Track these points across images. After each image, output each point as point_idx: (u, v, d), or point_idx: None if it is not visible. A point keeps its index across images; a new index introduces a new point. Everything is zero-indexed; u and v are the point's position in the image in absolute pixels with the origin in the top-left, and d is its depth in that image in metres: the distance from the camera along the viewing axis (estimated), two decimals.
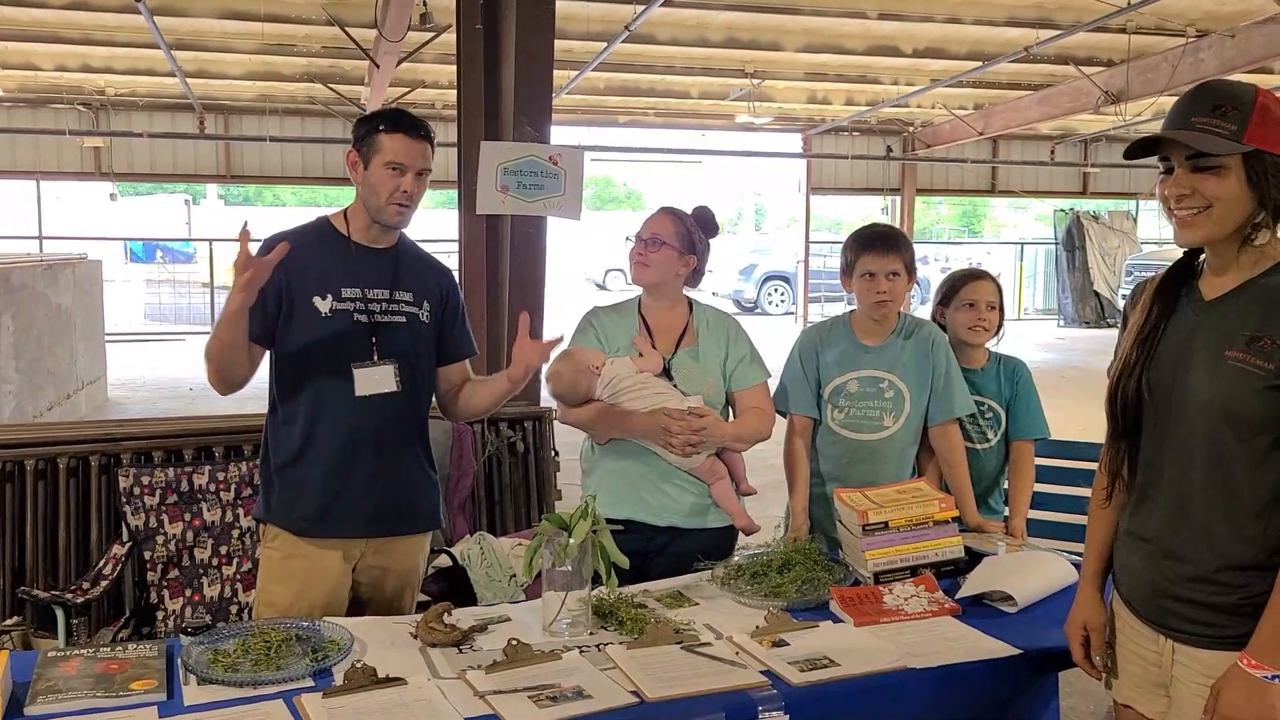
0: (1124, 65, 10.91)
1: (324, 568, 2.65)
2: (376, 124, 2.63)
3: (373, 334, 2.65)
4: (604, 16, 9.44)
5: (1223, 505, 1.85)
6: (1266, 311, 1.80)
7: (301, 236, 2.68)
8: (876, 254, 2.94)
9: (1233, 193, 1.81)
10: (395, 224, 2.68)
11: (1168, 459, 1.93)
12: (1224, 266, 1.89)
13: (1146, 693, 2.00)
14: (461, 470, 4.15)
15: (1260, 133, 1.78)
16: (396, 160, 2.59)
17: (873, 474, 2.96)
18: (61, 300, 9.11)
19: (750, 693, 1.99)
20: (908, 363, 3.00)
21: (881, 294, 2.94)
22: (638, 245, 2.90)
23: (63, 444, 3.78)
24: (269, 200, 27.35)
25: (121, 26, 10.06)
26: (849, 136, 17.23)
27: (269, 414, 2.73)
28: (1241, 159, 1.80)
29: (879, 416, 3.00)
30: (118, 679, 2.01)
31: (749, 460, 2.94)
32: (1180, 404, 1.89)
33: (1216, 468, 1.85)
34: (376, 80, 10.37)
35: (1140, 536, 1.98)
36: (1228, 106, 1.80)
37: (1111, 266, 19.01)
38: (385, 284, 2.70)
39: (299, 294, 2.61)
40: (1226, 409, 1.82)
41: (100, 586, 3.34)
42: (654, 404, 2.78)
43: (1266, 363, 1.78)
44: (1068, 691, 2.52)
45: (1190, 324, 1.91)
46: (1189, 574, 1.88)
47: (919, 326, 3.07)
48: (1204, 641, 1.87)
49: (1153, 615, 1.95)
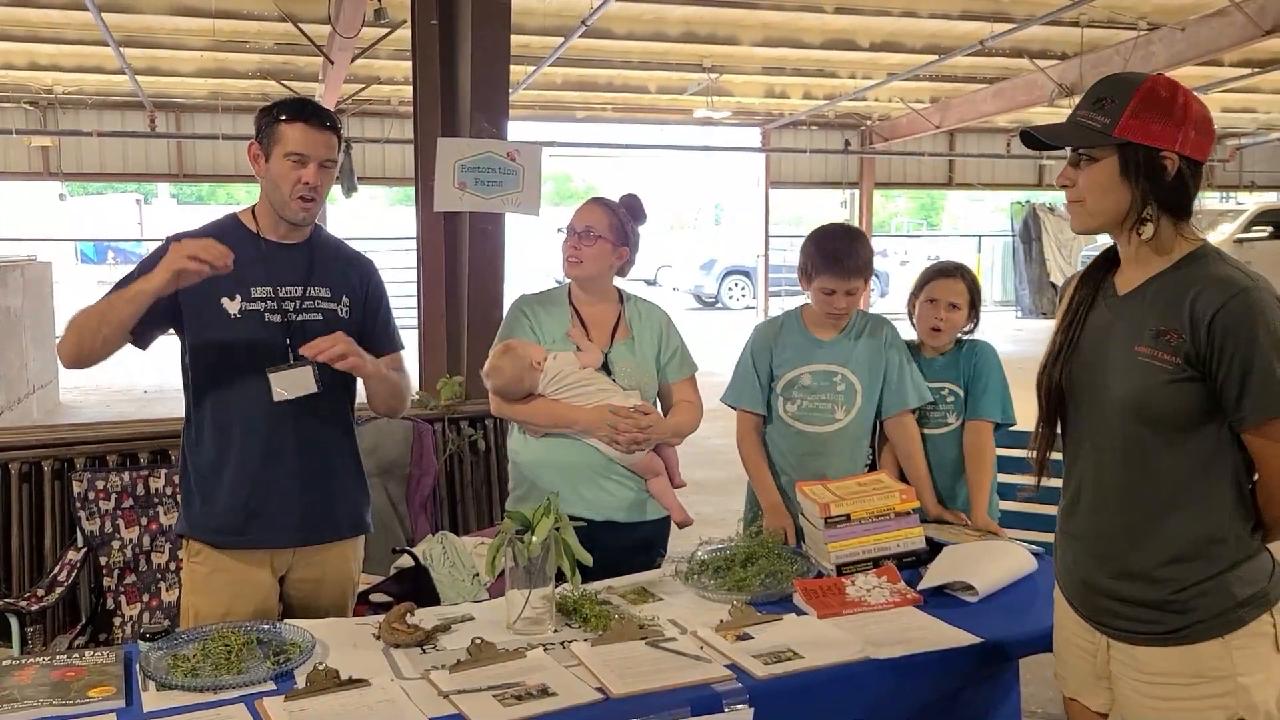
0: (1077, 59, 11.02)
1: (251, 580, 2.56)
2: (277, 114, 2.52)
3: (287, 334, 2.54)
4: (560, 11, 9.39)
5: (1143, 501, 1.86)
6: (1170, 305, 1.81)
7: (208, 234, 2.55)
8: (836, 275, 2.92)
9: (1102, 184, 1.84)
10: (301, 221, 2.57)
11: (1088, 457, 1.95)
12: (1129, 260, 1.91)
13: (1090, 686, 2.03)
14: (423, 469, 4.12)
15: (1133, 125, 1.79)
16: (297, 150, 2.48)
17: (825, 465, 2.99)
18: (10, 303, 8.94)
19: (715, 686, 1.99)
20: (860, 357, 3.02)
21: (839, 310, 2.97)
22: (571, 238, 2.88)
23: (14, 449, 3.71)
24: (222, 199, 27.03)
25: (69, 23, 9.87)
26: (807, 131, 17.28)
27: (184, 424, 2.61)
28: (1116, 151, 1.81)
29: (830, 409, 3.02)
30: (75, 686, 1.98)
31: (704, 459, 2.96)
32: (1097, 401, 1.91)
33: (1134, 464, 1.86)
34: (331, 77, 10.26)
35: (1071, 535, 2.00)
36: (1108, 100, 1.82)
37: (1067, 258, 19.23)
38: (299, 281, 2.59)
39: (205, 295, 2.48)
40: (1139, 404, 1.83)
41: (55, 593, 3.29)
42: (597, 400, 2.78)
43: (1173, 356, 1.79)
44: (1028, 679, 2.55)
45: (1105, 319, 1.93)
46: (1117, 571, 1.90)
47: (872, 323, 3.08)
48: (1138, 638, 1.88)
49: (1089, 612, 1.97)
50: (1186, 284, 1.81)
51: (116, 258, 21.29)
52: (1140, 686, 1.88)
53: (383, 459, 4.00)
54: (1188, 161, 1.82)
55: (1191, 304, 1.78)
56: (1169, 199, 1.83)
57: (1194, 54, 9.61)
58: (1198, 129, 1.82)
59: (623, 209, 2.91)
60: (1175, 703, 1.85)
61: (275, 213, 2.57)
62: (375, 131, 14.35)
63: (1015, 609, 2.41)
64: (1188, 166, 1.82)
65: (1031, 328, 17.55)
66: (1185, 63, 9.68)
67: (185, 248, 2.30)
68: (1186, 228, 1.87)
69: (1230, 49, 9.72)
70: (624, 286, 3.04)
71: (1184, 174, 1.82)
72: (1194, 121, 1.81)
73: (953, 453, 3.13)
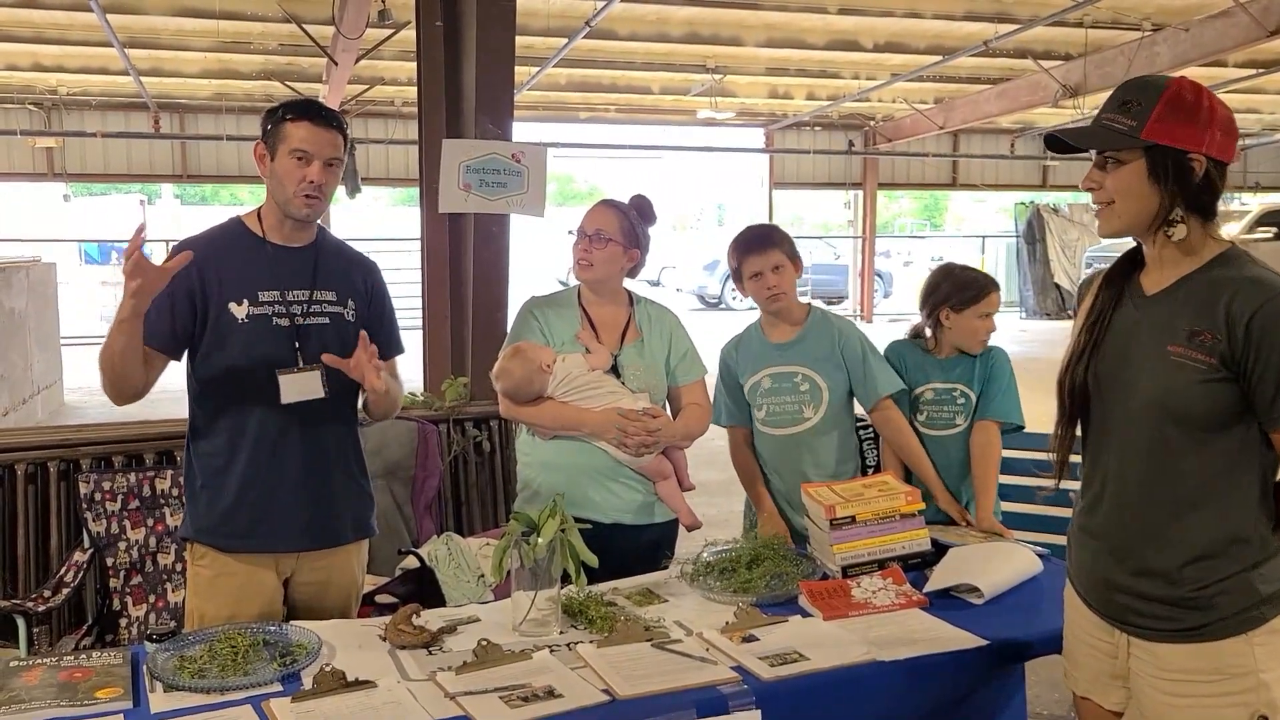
0: (1081, 59, 11.03)
1: (256, 583, 2.56)
2: (283, 113, 2.52)
3: (295, 338, 2.54)
4: (564, 12, 9.41)
5: (1166, 500, 1.87)
6: (1206, 305, 1.82)
7: (213, 240, 2.58)
8: (756, 254, 3.02)
9: (1131, 187, 1.84)
10: (304, 216, 2.55)
11: (1112, 456, 1.95)
12: (1156, 261, 1.92)
13: (1103, 685, 2.03)
14: (428, 471, 4.12)
15: (1161, 128, 1.80)
16: (302, 148, 2.47)
17: (805, 465, 3.03)
18: (15, 304, 8.95)
19: (721, 688, 1.99)
20: (815, 355, 3.06)
21: (772, 289, 3.02)
22: (581, 241, 2.88)
23: (20, 450, 3.71)
24: (226, 200, 27.04)
25: (74, 24, 9.90)
26: (811, 131, 17.29)
27: (189, 428, 2.61)
28: (1144, 153, 1.82)
29: (798, 409, 3.04)
30: (82, 688, 1.99)
31: (708, 460, 2.97)
32: (1124, 401, 1.91)
33: (1159, 463, 1.87)
34: (335, 78, 10.27)
35: (1090, 533, 2.00)
36: (1133, 102, 1.83)
37: (1071, 259, 19.23)
38: (305, 284, 2.58)
39: (213, 301, 2.48)
40: (1170, 403, 1.84)
41: (62, 594, 3.29)
42: (607, 403, 2.78)
43: (1208, 356, 1.80)
44: (1034, 681, 2.55)
45: (1132, 319, 1.93)
46: (1138, 569, 1.90)
47: (823, 320, 3.12)
48: (1158, 635, 1.88)
49: (1107, 610, 1.97)
50: (1220, 285, 1.82)
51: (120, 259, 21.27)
52: (1160, 684, 1.88)
53: (388, 460, 4.00)
54: (1214, 163, 1.83)
55: (1227, 305, 1.79)
56: (1197, 201, 1.84)
57: (1198, 55, 9.61)
58: (1223, 131, 1.82)
59: (633, 211, 2.91)
60: (1196, 700, 1.85)
61: (280, 212, 2.56)
62: (379, 132, 14.37)
63: (1021, 611, 2.40)
64: (1214, 168, 1.83)
65: (1035, 328, 17.55)
66: (1190, 63, 9.68)
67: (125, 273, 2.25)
68: (1213, 228, 1.88)
69: (1235, 49, 9.72)
70: (629, 287, 3.04)
71: (1211, 175, 1.83)
72: (1219, 123, 1.82)
73: (960, 454, 3.13)
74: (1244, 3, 8.83)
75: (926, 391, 3.17)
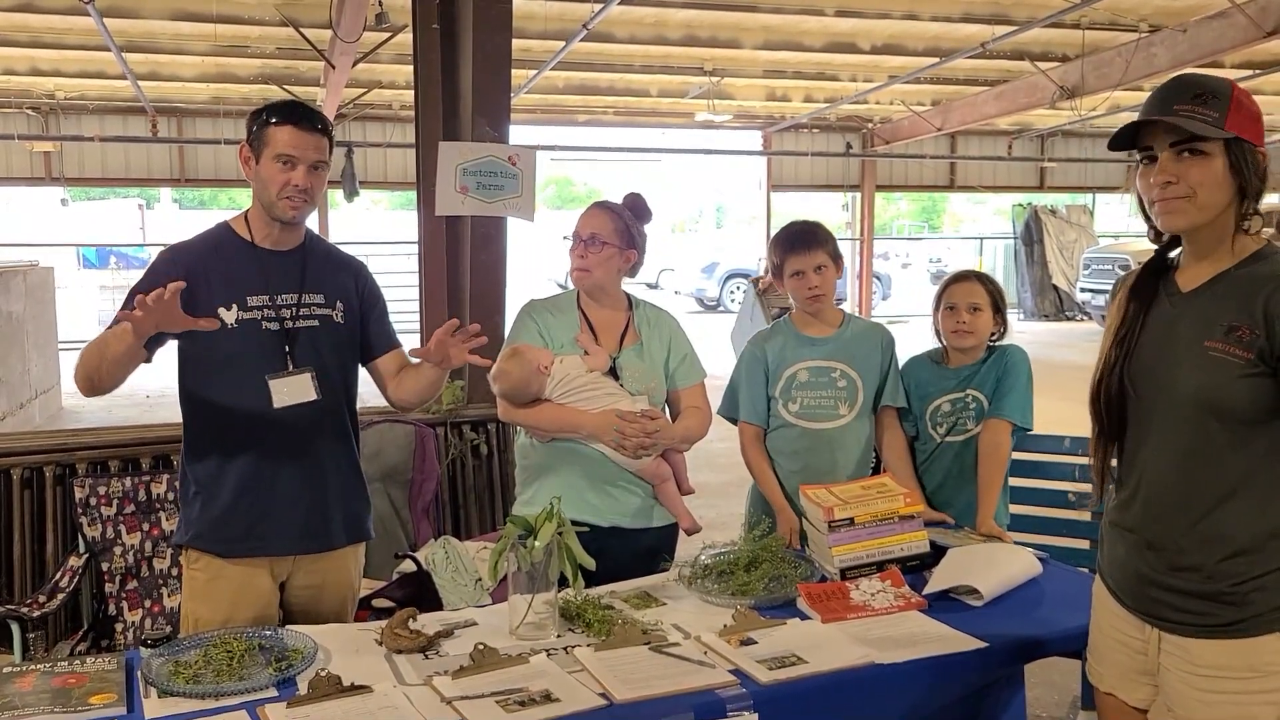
0: (1079, 60, 11.02)
1: (251, 587, 2.56)
2: (267, 116, 2.50)
3: (285, 341, 2.54)
4: (562, 15, 9.40)
5: (1205, 494, 1.86)
6: (1243, 301, 1.83)
7: (200, 245, 2.57)
8: (801, 253, 3.03)
9: (1215, 179, 1.85)
10: (290, 219, 2.54)
11: (1150, 451, 1.94)
12: (1204, 255, 1.92)
13: (1130, 681, 2.02)
14: (425, 474, 4.12)
15: (1238, 121, 1.83)
16: (286, 152, 2.46)
17: (833, 464, 3.00)
18: (12, 308, 8.94)
19: (719, 692, 1.98)
20: (856, 353, 3.06)
21: (813, 289, 3.02)
22: (577, 246, 2.86)
23: (16, 454, 3.71)
24: (224, 204, 27.06)
25: (71, 29, 9.88)
26: (809, 133, 17.28)
27: (183, 434, 2.60)
28: (1223, 146, 1.83)
29: (834, 404, 3.03)
30: (76, 693, 1.97)
31: (707, 463, 2.95)
32: (1163, 396, 1.91)
33: (1199, 457, 1.86)
34: (332, 81, 10.26)
35: (1124, 527, 2.00)
36: (1208, 95, 1.85)
37: (1069, 260, 19.23)
38: (293, 287, 2.58)
39: (202, 307, 2.46)
40: (1209, 398, 1.84)
41: (57, 599, 3.28)
42: (605, 405, 2.77)
43: (1245, 352, 1.80)
44: (1034, 683, 2.54)
45: (1169, 317, 1.94)
46: (1173, 563, 1.89)
47: (867, 324, 3.16)
48: (1192, 630, 1.88)
49: (1140, 605, 1.96)
50: (1258, 281, 1.83)
51: (119, 263, 21.24)
52: (1191, 679, 1.87)
53: (385, 464, 4.00)
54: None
55: (1266, 301, 1.80)
56: (1258, 195, 1.88)
57: (1195, 56, 9.60)
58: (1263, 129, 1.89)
59: (627, 210, 2.89)
60: (1227, 696, 1.84)
61: (267, 215, 2.55)
62: (377, 136, 14.36)
63: (1021, 613, 2.40)
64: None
65: (1033, 329, 17.56)
66: (1187, 64, 9.66)
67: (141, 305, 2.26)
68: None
69: (1232, 51, 9.70)
70: (628, 288, 3.03)
71: (1268, 170, 1.87)
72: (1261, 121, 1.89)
73: (972, 459, 3.09)
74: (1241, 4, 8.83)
75: (943, 404, 3.15)
